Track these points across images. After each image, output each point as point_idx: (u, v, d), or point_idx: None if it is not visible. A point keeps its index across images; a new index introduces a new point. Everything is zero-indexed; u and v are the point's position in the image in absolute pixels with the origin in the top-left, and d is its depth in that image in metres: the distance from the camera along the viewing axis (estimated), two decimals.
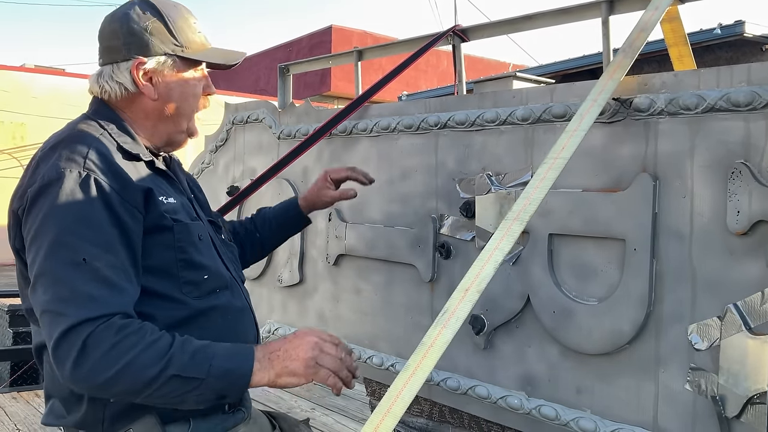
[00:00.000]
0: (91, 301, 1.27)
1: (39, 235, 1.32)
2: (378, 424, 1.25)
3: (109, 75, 1.50)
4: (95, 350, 1.25)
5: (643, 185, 1.60)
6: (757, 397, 1.42)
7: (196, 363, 1.30)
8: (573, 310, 1.74)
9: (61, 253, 1.30)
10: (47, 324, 1.29)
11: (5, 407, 4.59)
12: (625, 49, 1.68)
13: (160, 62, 1.50)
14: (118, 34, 1.49)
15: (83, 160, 1.36)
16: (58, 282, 1.29)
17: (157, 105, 1.52)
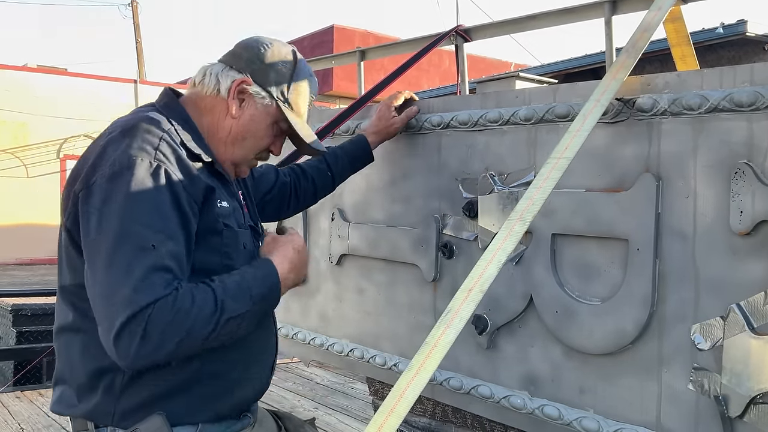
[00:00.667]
0: (153, 287, 1.30)
1: (107, 220, 1.33)
2: (382, 424, 1.25)
3: (217, 72, 1.54)
4: (155, 333, 1.28)
5: (646, 185, 1.60)
6: (760, 397, 1.42)
7: (241, 300, 1.39)
8: (576, 310, 1.74)
9: (129, 240, 1.32)
10: (108, 308, 1.31)
11: (9, 406, 4.61)
12: (628, 50, 1.68)
13: (261, 95, 1.53)
14: (253, 51, 1.55)
15: (154, 150, 1.38)
16: (123, 269, 1.31)
17: (229, 122, 1.54)
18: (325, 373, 5.67)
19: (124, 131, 1.41)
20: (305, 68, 1.61)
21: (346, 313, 2.47)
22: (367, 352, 2.36)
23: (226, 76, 1.52)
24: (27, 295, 6.91)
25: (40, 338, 5.61)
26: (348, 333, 2.45)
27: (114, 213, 1.33)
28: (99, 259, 1.33)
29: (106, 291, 1.31)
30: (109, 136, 1.42)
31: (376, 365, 2.32)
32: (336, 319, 2.51)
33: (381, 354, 2.32)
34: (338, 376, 5.64)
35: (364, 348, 2.38)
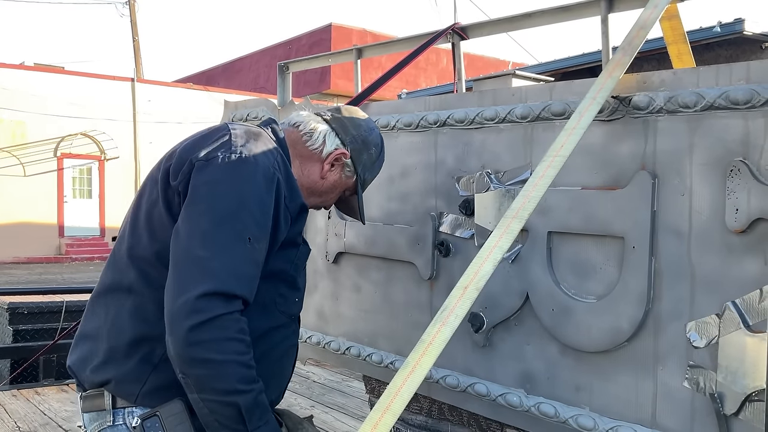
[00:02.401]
0: (239, 276, 1.39)
1: (220, 198, 1.43)
2: (377, 422, 1.25)
3: (326, 133, 1.73)
4: (216, 331, 1.34)
5: (642, 183, 1.60)
6: (755, 395, 1.42)
7: (256, 416, 1.40)
8: (572, 308, 1.74)
9: (234, 223, 1.41)
10: (187, 269, 1.37)
11: (5, 405, 4.60)
12: (625, 47, 1.68)
13: (349, 168, 1.76)
14: (359, 131, 1.77)
15: (273, 159, 1.53)
16: (221, 244, 1.39)
17: (315, 178, 1.74)
18: (321, 371, 5.67)
19: (249, 133, 1.56)
20: (383, 156, 1.86)
21: (342, 311, 2.47)
22: (364, 350, 2.36)
23: (331, 141, 1.72)
24: (23, 293, 6.90)
25: (37, 337, 5.60)
26: (345, 331, 2.45)
27: (228, 192, 1.43)
28: (199, 225, 1.40)
29: (195, 257, 1.37)
30: (234, 130, 1.55)
31: (372, 363, 2.32)
32: (333, 317, 2.51)
33: (377, 352, 2.32)
34: (335, 374, 5.64)
35: (361, 346, 2.38)
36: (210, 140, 1.52)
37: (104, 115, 20.31)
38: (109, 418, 1.50)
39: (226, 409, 1.36)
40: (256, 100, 2.93)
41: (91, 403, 1.53)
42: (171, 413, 1.43)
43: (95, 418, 1.53)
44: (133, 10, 25.32)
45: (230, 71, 28.21)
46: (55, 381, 5.42)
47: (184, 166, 1.47)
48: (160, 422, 1.43)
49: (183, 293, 1.35)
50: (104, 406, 1.50)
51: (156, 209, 1.50)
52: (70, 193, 20.47)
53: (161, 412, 1.43)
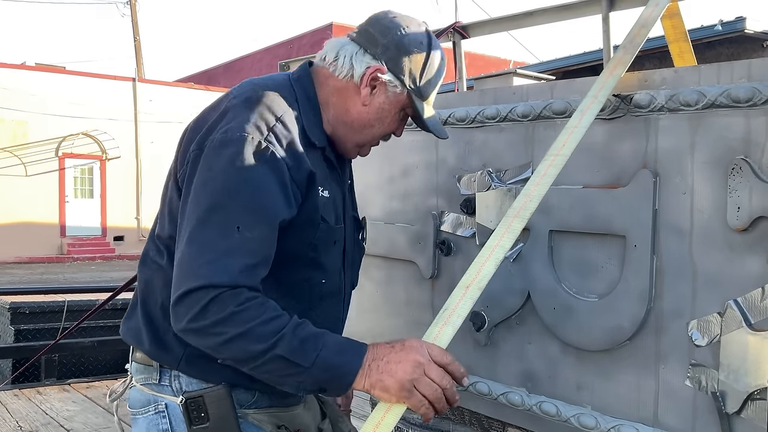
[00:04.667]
0: (230, 269, 1.29)
1: (204, 188, 1.34)
2: (379, 421, 1.25)
3: (352, 55, 1.49)
4: (213, 314, 1.27)
5: (643, 181, 1.60)
6: (757, 393, 1.42)
7: (305, 350, 1.29)
8: (573, 307, 1.74)
9: (218, 214, 1.31)
10: (179, 271, 1.31)
11: (7, 404, 4.60)
12: (626, 46, 1.68)
13: (393, 84, 1.49)
14: (390, 36, 1.48)
15: (268, 130, 1.37)
16: (205, 243, 1.30)
17: (358, 109, 1.51)
18: None
19: (247, 100, 1.41)
20: (437, 54, 1.53)
21: None
22: None
23: (360, 61, 1.48)
24: (25, 293, 6.91)
25: (39, 336, 5.60)
26: (346, 330, 2.45)
27: (212, 183, 1.33)
28: (188, 224, 1.33)
29: (185, 258, 1.31)
30: (234, 101, 1.42)
31: None
32: None
33: None
34: None
35: None
36: (207, 121, 1.43)
37: (105, 114, 20.34)
38: (155, 375, 1.50)
39: (273, 365, 1.29)
40: None
41: (140, 354, 1.54)
42: (214, 398, 1.42)
43: (142, 370, 1.53)
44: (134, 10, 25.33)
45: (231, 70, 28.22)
46: (56, 381, 5.42)
47: (185, 158, 1.43)
48: (203, 405, 1.42)
49: (174, 294, 1.31)
50: (152, 363, 1.50)
51: (170, 192, 1.49)
52: (71, 193, 20.50)
53: (205, 396, 1.43)
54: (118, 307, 5.78)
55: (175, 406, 1.47)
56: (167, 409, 1.49)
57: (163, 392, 1.50)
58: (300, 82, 1.51)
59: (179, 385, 1.48)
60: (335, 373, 1.31)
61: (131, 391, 1.57)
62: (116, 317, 5.83)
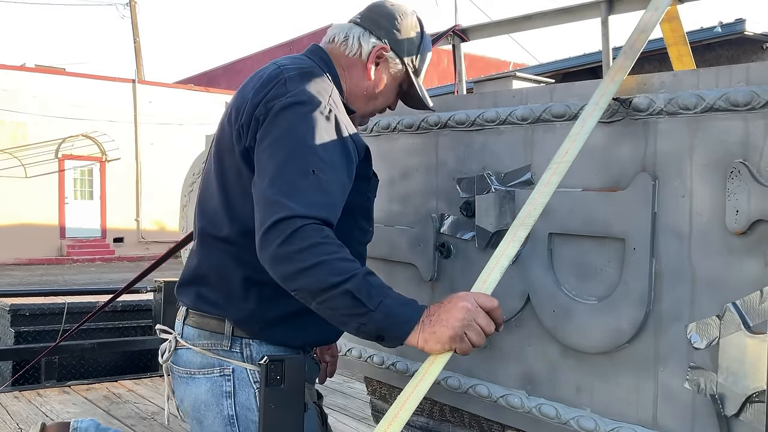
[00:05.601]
0: (310, 203, 1.45)
1: (280, 142, 1.51)
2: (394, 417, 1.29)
3: (359, 35, 1.74)
4: (299, 242, 1.40)
5: (642, 185, 1.60)
6: (756, 396, 1.42)
7: (371, 293, 1.40)
8: (573, 309, 1.74)
9: (297, 161, 1.48)
10: (264, 208, 1.46)
11: (7, 407, 4.61)
12: (626, 51, 1.68)
13: (395, 62, 1.76)
14: (393, 20, 1.75)
15: (328, 96, 1.58)
16: (287, 182, 1.46)
17: (365, 83, 1.76)
18: None
19: (303, 73, 1.60)
20: (427, 36, 1.83)
21: None
22: (365, 351, 2.36)
23: (366, 41, 1.73)
24: (25, 295, 6.89)
25: (39, 338, 5.60)
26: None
27: (290, 134, 1.50)
28: (267, 171, 1.49)
29: (269, 195, 1.46)
30: (288, 73, 1.60)
31: (374, 364, 2.33)
32: None
33: (379, 353, 2.32)
34: (336, 375, 5.63)
35: (362, 347, 2.38)
36: (266, 88, 1.58)
37: (105, 116, 20.35)
38: (226, 342, 1.65)
39: (341, 300, 1.39)
40: None
41: (205, 321, 1.68)
42: (293, 365, 1.60)
43: (207, 336, 1.68)
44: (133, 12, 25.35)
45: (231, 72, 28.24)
46: (56, 383, 5.42)
47: (251, 124, 1.56)
48: (282, 368, 1.59)
49: (261, 227, 1.44)
50: (223, 331, 1.65)
51: (243, 172, 1.59)
52: (71, 195, 20.51)
53: (287, 361, 1.60)
54: (118, 309, 5.79)
55: (242, 370, 1.65)
56: (234, 373, 1.65)
57: (232, 358, 1.66)
58: (324, 62, 1.71)
59: (249, 353, 1.65)
60: (394, 321, 1.41)
61: (184, 351, 1.72)
62: (116, 319, 5.84)
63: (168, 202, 19.21)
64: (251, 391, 1.65)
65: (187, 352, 1.71)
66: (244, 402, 1.65)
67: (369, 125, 2.32)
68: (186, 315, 1.73)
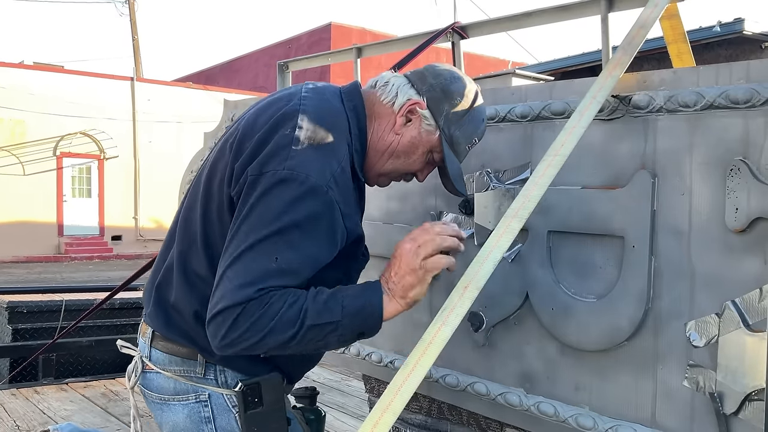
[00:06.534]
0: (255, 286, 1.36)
1: (258, 218, 1.39)
2: (377, 421, 1.25)
3: (399, 85, 1.58)
4: (242, 324, 1.36)
5: (641, 182, 1.60)
6: (755, 394, 1.42)
7: (329, 308, 1.39)
8: (572, 307, 1.74)
9: (264, 245, 1.37)
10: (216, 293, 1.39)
11: (4, 404, 4.60)
12: (624, 47, 1.68)
13: (428, 122, 1.57)
14: (440, 79, 1.58)
15: (330, 176, 1.42)
16: (244, 266, 1.37)
17: (391, 137, 1.58)
18: (321, 371, 5.67)
19: (316, 133, 1.44)
20: (480, 114, 1.63)
21: None
22: (363, 349, 2.36)
23: (404, 92, 1.56)
24: (23, 292, 6.90)
25: (36, 336, 5.60)
26: None
27: (266, 216, 1.38)
28: (235, 246, 1.39)
29: (223, 279, 1.39)
30: (300, 124, 1.45)
31: (372, 362, 2.32)
32: None
33: (377, 351, 2.32)
34: (334, 373, 5.64)
35: (360, 345, 2.38)
36: (272, 137, 1.44)
37: (103, 114, 20.32)
38: (199, 369, 1.59)
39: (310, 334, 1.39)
40: (256, 99, 2.93)
41: (176, 348, 1.60)
42: (269, 386, 1.57)
43: (179, 363, 1.61)
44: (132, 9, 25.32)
45: (230, 70, 28.22)
46: (54, 380, 5.42)
47: (241, 177, 1.45)
48: (259, 391, 1.56)
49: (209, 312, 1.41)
50: (195, 358, 1.59)
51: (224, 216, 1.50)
52: (69, 192, 20.49)
53: (262, 383, 1.56)
54: (115, 306, 5.79)
55: (218, 396, 1.60)
56: (210, 398, 1.60)
57: (207, 384, 1.60)
58: (355, 111, 1.56)
59: (224, 378, 1.60)
60: (364, 314, 1.42)
61: (156, 376, 1.65)
62: (114, 317, 5.84)
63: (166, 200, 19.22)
64: (230, 415, 1.60)
65: (158, 376, 1.64)
66: (225, 426, 1.60)
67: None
68: (153, 337, 1.64)
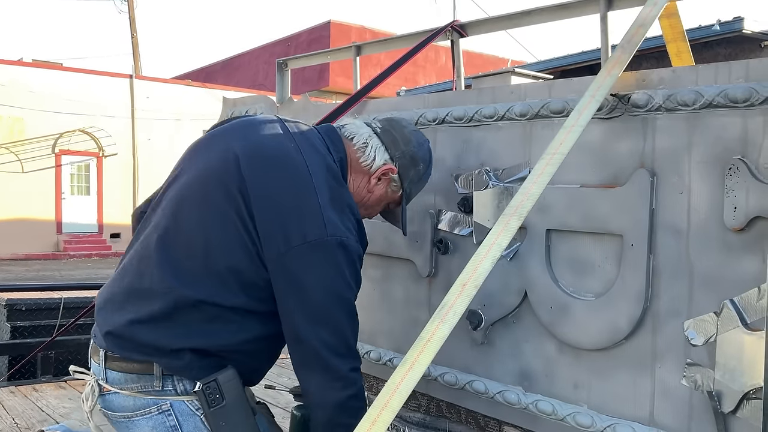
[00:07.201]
0: (357, 352, 1.65)
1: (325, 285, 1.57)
2: (375, 418, 1.25)
3: (376, 148, 1.78)
4: (360, 401, 1.60)
5: (640, 181, 1.60)
6: (753, 393, 1.42)
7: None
8: (570, 306, 1.74)
9: (345, 306, 1.60)
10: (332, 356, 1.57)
11: (3, 401, 4.60)
12: (624, 45, 1.68)
13: (396, 185, 1.83)
14: (409, 147, 1.81)
15: (354, 232, 1.64)
16: (343, 330, 1.60)
17: (364, 193, 1.81)
18: None
19: (333, 197, 1.63)
20: (430, 170, 1.90)
21: None
22: (362, 347, 2.36)
23: (381, 157, 1.78)
24: (22, 289, 6.90)
25: (35, 333, 5.60)
26: None
27: (335, 276, 1.58)
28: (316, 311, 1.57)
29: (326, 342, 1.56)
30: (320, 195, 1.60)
31: (370, 360, 2.33)
32: None
33: (376, 349, 2.32)
34: None
35: (359, 343, 2.37)
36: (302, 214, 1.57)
37: (102, 111, 20.29)
38: (157, 383, 1.61)
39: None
40: (255, 97, 2.93)
41: (131, 366, 1.62)
42: (227, 380, 1.59)
43: (135, 379, 1.62)
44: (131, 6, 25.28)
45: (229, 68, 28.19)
46: (53, 378, 5.41)
47: (281, 241, 1.56)
48: (218, 387, 1.59)
49: (335, 370, 1.56)
50: (152, 372, 1.60)
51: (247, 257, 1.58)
52: (68, 190, 20.46)
53: (219, 379, 1.59)
54: None
55: (180, 403, 1.62)
56: (173, 407, 1.62)
57: (166, 394, 1.62)
58: (341, 164, 1.74)
59: (183, 387, 1.62)
60: None
61: (115, 397, 1.65)
62: None
63: None
64: (196, 419, 1.62)
65: (117, 396, 1.64)
66: (193, 431, 1.62)
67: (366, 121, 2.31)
68: (106, 358, 1.64)
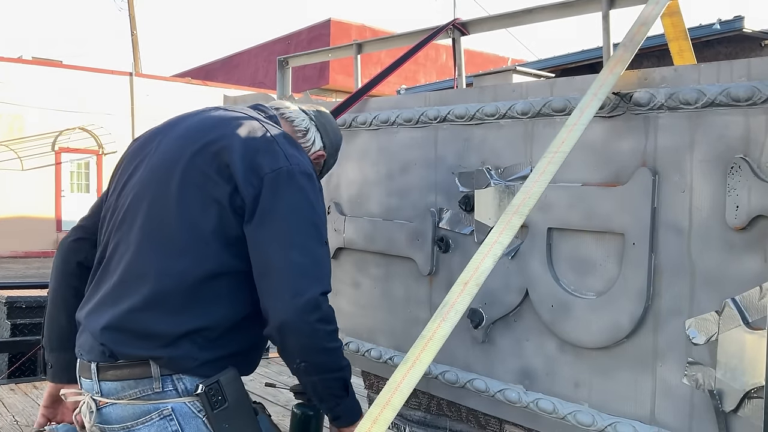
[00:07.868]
0: (329, 277, 1.62)
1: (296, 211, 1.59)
2: (377, 417, 1.25)
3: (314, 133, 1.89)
4: (332, 323, 1.58)
5: (642, 180, 1.60)
6: (754, 392, 1.42)
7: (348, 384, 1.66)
8: (571, 304, 1.74)
9: (316, 231, 1.61)
10: (297, 278, 1.54)
11: (3, 399, 4.60)
12: (626, 44, 1.68)
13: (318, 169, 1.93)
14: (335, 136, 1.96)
15: (310, 162, 1.72)
16: (314, 254, 1.58)
17: None
18: None
19: (290, 141, 1.70)
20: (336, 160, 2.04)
21: (341, 307, 2.47)
22: (363, 345, 2.36)
23: (317, 144, 1.89)
24: (22, 287, 6.89)
25: (35, 331, 5.59)
26: (343, 326, 2.44)
27: (303, 203, 1.60)
28: (288, 237, 1.56)
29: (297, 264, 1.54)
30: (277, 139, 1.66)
31: (371, 359, 2.32)
32: None
33: (376, 347, 2.32)
34: None
35: (360, 341, 2.38)
36: (265, 150, 1.62)
37: (102, 109, 20.27)
38: (156, 384, 1.55)
39: (338, 382, 1.62)
40: (255, 95, 2.92)
41: (126, 371, 1.56)
42: (229, 381, 1.58)
43: (132, 385, 1.56)
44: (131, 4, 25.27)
45: (229, 66, 28.17)
46: None
47: (253, 178, 1.57)
48: (220, 389, 1.57)
49: (301, 293, 1.51)
50: (150, 374, 1.55)
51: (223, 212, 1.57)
52: (67, 188, 20.44)
53: (221, 380, 1.57)
54: None
55: (181, 405, 1.56)
56: (174, 411, 1.56)
57: (166, 397, 1.56)
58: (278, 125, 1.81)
59: (184, 386, 1.56)
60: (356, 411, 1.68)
61: (113, 408, 1.58)
62: None
63: None
64: (198, 421, 1.57)
65: (115, 408, 1.58)
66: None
67: (368, 119, 2.31)
68: (99, 371, 1.58)
